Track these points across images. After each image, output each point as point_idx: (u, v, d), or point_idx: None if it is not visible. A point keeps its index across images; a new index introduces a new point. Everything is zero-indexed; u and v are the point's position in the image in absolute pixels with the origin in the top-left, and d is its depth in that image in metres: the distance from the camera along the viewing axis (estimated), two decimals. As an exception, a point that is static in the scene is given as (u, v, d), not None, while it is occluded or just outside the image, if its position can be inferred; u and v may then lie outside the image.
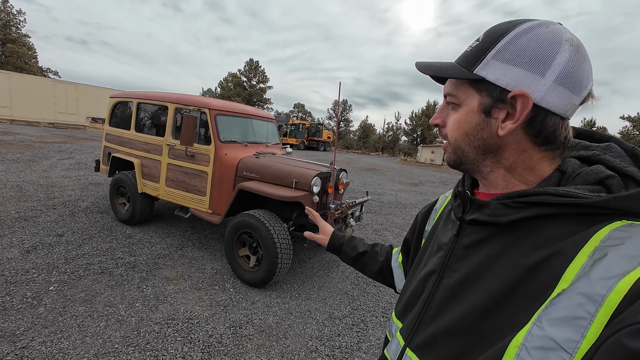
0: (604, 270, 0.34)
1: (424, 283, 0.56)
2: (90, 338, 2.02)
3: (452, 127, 0.51)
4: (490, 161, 0.49)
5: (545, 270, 0.39)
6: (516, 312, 0.39)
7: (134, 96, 3.98)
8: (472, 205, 0.51)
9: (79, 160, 7.52)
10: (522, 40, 0.43)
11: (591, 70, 0.43)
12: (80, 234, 3.54)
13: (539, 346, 0.35)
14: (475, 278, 0.46)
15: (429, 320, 0.51)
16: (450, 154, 0.53)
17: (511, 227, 0.45)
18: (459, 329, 0.45)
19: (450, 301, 0.48)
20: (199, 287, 2.77)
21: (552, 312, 0.36)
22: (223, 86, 37.96)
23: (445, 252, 0.54)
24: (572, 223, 0.40)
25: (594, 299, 0.33)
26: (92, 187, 5.46)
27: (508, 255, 0.43)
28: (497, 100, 0.45)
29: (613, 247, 0.35)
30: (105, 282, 2.67)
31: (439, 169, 21.27)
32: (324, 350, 2.18)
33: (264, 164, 3.17)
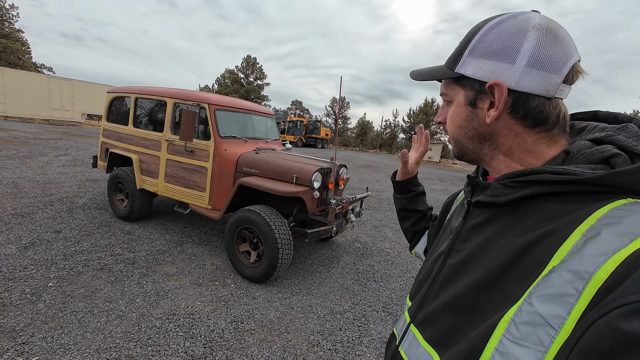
0: (595, 247, 0.34)
1: (433, 265, 0.59)
2: (91, 333, 2.00)
3: (448, 122, 0.56)
4: (488, 149, 0.52)
5: (539, 248, 0.39)
6: (510, 290, 0.40)
7: (132, 91, 3.93)
8: (477, 188, 0.53)
9: (76, 157, 7.45)
10: (491, 35, 0.47)
11: (569, 49, 0.44)
12: (78, 230, 3.51)
13: (527, 321, 0.36)
14: (475, 257, 0.48)
15: (432, 298, 0.53)
16: (453, 147, 0.57)
17: (512, 208, 0.46)
18: (455, 305, 0.47)
19: (451, 280, 0.51)
20: (200, 282, 2.77)
21: (542, 289, 0.36)
22: (220, 83, 37.70)
23: (454, 234, 0.56)
24: (572, 202, 0.40)
25: (582, 276, 0.33)
26: (89, 184, 5.42)
27: (507, 235, 0.44)
28: (478, 92, 0.49)
29: (608, 225, 0.35)
30: (105, 278, 2.65)
31: (436, 166, 21.34)
32: (326, 345, 2.18)
33: (265, 160, 3.16)
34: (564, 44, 0.44)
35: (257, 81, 37.59)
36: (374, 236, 4.57)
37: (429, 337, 0.51)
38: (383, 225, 5.16)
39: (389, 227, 5.13)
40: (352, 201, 3.31)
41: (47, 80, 16.24)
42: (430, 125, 35.34)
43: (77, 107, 17.33)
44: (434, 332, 0.50)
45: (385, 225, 5.21)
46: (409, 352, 0.55)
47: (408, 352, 0.55)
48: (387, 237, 4.60)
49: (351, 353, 2.13)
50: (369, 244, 4.25)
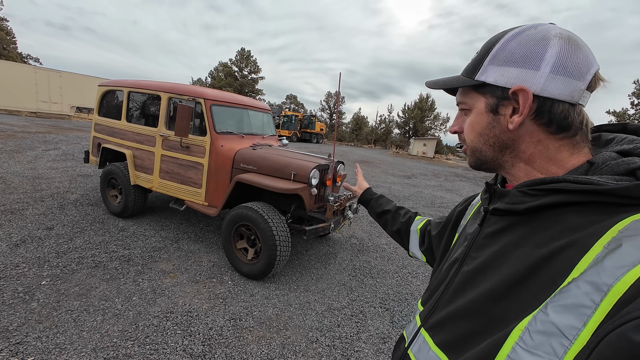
0: (615, 260, 0.33)
1: (447, 271, 0.59)
2: (87, 332, 1.98)
3: (467, 130, 0.55)
4: (509, 156, 0.51)
5: (560, 259, 0.39)
6: (527, 299, 0.40)
7: (125, 85, 3.84)
8: (495, 195, 0.53)
9: (66, 151, 7.27)
10: (513, 43, 0.48)
11: (590, 57, 0.45)
12: (71, 227, 3.45)
13: (541, 331, 0.36)
14: (491, 265, 0.48)
15: (445, 303, 0.54)
16: (470, 157, 0.56)
17: (530, 217, 0.46)
18: (470, 312, 0.47)
19: (466, 286, 0.50)
20: (197, 280, 2.75)
21: (559, 299, 0.36)
22: (214, 76, 37.07)
23: (469, 241, 0.56)
24: (593, 214, 0.39)
25: (601, 289, 0.33)
26: (80, 179, 5.31)
27: (525, 245, 0.44)
28: (500, 98, 0.49)
29: (629, 238, 0.34)
30: (100, 276, 2.62)
31: (430, 161, 21.50)
32: (325, 341, 2.20)
33: (262, 156, 3.13)
34: (585, 52, 0.45)
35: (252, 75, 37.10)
36: (370, 232, 4.60)
37: (440, 341, 0.51)
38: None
39: (384, 223, 5.16)
40: (349, 198, 3.31)
41: (34, 72, 15.73)
42: (425, 121, 35.46)
43: (66, 99, 16.87)
44: (446, 337, 0.50)
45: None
46: (418, 355, 0.55)
47: (417, 355, 0.56)
48: (383, 233, 4.63)
49: (349, 349, 2.16)
50: (365, 240, 4.27)
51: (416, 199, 7.48)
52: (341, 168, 3.55)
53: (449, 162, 22.66)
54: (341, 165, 3.55)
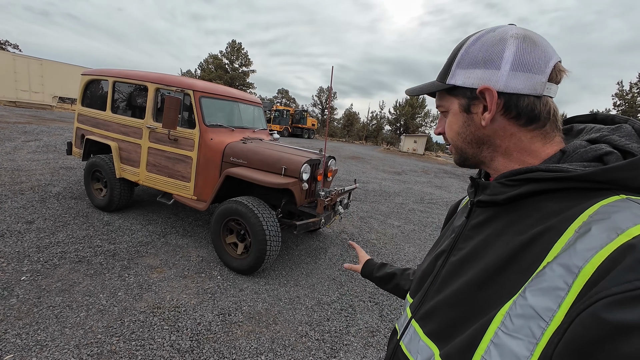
0: (585, 243, 0.35)
1: (434, 262, 0.61)
2: (70, 329, 1.92)
3: (447, 130, 0.58)
4: (487, 152, 0.54)
5: (537, 245, 0.41)
6: (507, 285, 0.42)
7: (110, 74, 3.70)
8: (479, 188, 0.55)
9: (47, 143, 7.00)
10: (474, 47, 0.51)
11: (548, 51, 0.47)
12: (52, 220, 3.33)
13: (520, 314, 0.38)
14: (476, 255, 0.50)
15: (433, 294, 0.55)
16: (454, 154, 0.59)
17: (511, 207, 0.48)
18: (455, 301, 0.49)
19: (452, 276, 0.52)
20: (185, 275, 2.71)
21: (536, 283, 0.38)
22: (203, 68, 36.27)
23: (456, 233, 0.58)
24: (567, 200, 0.42)
25: (572, 271, 0.35)
26: (63, 172, 5.12)
27: (506, 233, 0.46)
28: (470, 98, 0.52)
29: (598, 222, 0.36)
30: (84, 271, 2.54)
31: (420, 158, 21.74)
32: (314, 335, 2.21)
33: (252, 150, 3.08)
34: (542, 47, 0.47)
35: (243, 68, 36.47)
36: (360, 227, 4.62)
37: (429, 331, 0.53)
38: (369, 217, 5.22)
39: (375, 218, 5.21)
40: (340, 193, 3.31)
41: (13, 59, 15.00)
42: (416, 118, 35.79)
43: (48, 88, 16.19)
44: (434, 327, 0.52)
45: (372, 216, 5.28)
46: (409, 345, 0.57)
47: (409, 346, 0.57)
48: (373, 228, 4.66)
49: (339, 343, 2.17)
50: (356, 235, 4.30)
51: (406, 195, 7.56)
52: (332, 163, 3.54)
53: (438, 159, 22.98)
54: (332, 161, 3.54)
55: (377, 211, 5.67)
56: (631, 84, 14.94)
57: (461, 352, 0.44)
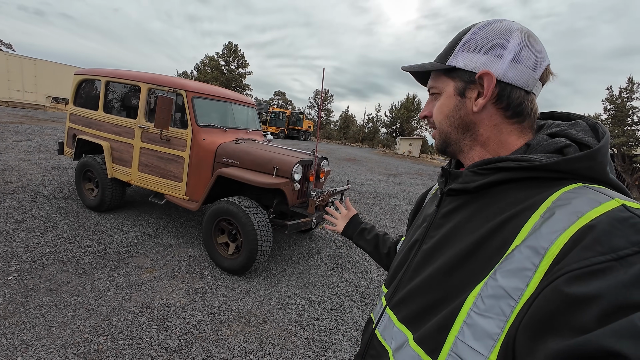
0: (549, 226, 0.38)
1: (408, 252, 0.62)
2: (57, 328, 1.91)
3: (436, 113, 0.58)
4: (469, 139, 0.55)
5: (504, 230, 0.43)
6: (477, 269, 0.44)
7: (102, 74, 3.69)
8: (450, 177, 0.57)
9: (39, 143, 6.93)
10: (481, 32, 0.52)
11: (543, 52, 0.50)
12: (42, 220, 3.30)
13: (491, 295, 0.40)
14: (445, 241, 0.52)
15: (406, 281, 0.57)
16: (437, 139, 0.59)
17: (481, 195, 0.51)
18: (427, 286, 0.51)
19: (425, 263, 0.54)
20: (176, 275, 2.70)
21: (506, 265, 0.40)
22: (200, 69, 36.17)
23: (427, 222, 0.60)
24: (531, 188, 0.45)
25: (539, 252, 0.37)
26: (54, 172, 5.08)
27: (475, 219, 0.49)
28: (468, 82, 0.53)
29: (560, 207, 0.39)
30: (73, 271, 2.53)
31: (416, 160, 21.87)
32: (303, 334, 2.22)
33: (245, 150, 3.09)
34: (540, 47, 0.50)
35: (239, 69, 36.45)
36: (353, 228, 4.64)
37: (403, 317, 0.55)
38: (363, 218, 5.23)
39: (368, 219, 5.23)
40: (332, 193, 3.33)
41: (6, 58, 14.83)
42: (411, 121, 36.00)
43: (41, 88, 16.02)
44: (407, 312, 0.54)
45: (365, 217, 5.30)
46: (384, 333, 0.59)
47: (383, 333, 0.59)
48: (366, 230, 4.68)
49: (328, 342, 2.18)
50: (349, 236, 4.31)
51: (400, 197, 7.60)
52: (324, 164, 3.57)
53: (433, 161, 23.13)
54: (325, 161, 3.56)
55: (370, 212, 5.69)
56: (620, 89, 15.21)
57: (435, 334, 0.46)
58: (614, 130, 15.41)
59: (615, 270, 0.31)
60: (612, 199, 0.37)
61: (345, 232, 1.06)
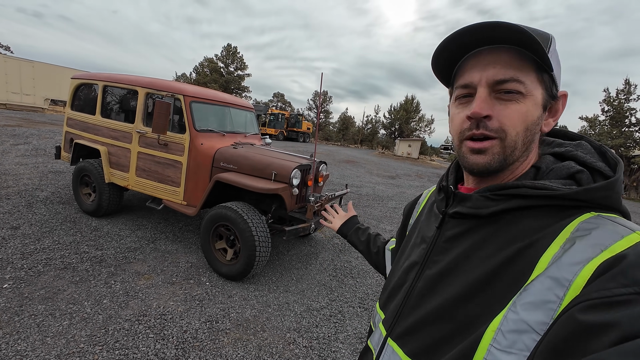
0: (571, 257, 0.37)
1: (406, 274, 0.58)
2: (52, 338, 1.88)
3: (517, 119, 0.44)
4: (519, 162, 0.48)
5: (521, 260, 0.41)
6: (493, 300, 0.42)
7: (100, 78, 3.68)
8: (454, 199, 0.53)
9: (37, 146, 6.90)
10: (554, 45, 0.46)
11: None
12: (39, 226, 3.27)
13: (514, 329, 0.38)
14: (455, 268, 0.48)
15: (410, 309, 0.53)
16: (497, 154, 0.46)
17: (491, 220, 0.47)
18: (438, 317, 0.47)
19: (430, 291, 0.50)
20: (173, 281, 2.68)
21: (525, 297, 0.38)
22: (199, 72, 36.19)
23: (427, 244, 0.56)
24: (546, 216, 0.43)
25: (562, 284, 0.36)
26: (52, 176, 5.05)
27: (487, 247, 0.46)
28: (550, 96, 0.46)
29: (580, 238, 0.38)
30: (69, 278, 2.50)
31: (415, 162, 21.89)
32: (302, 342, 2.19)
33: (243, 155, 3.08)
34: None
35: (238, 71, 36.48)
36: (352, 232, 4.62)
37: (410, 351, 0.50)
38: (362, 221, 5.22)
39: (367, 222, 5.21)
40: (331, 198, 3.31)
41: (4, 61, 14.80)
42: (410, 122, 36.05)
43: (39, 91, 15.99)
44: (416, 346, 0.49)
45: (365, 221, 5.29)
46: None
47: None
48: (365, 233, 4.66)
49: (327, 349, 2.16)
50: (348, 240, 4.29)
51: (399, 199, 7.59)
52: (323, 168, 3.55)
53: (432, 163, 23.15)
54: (323, 165, 3.55)
55: (370, 215, 5.68)
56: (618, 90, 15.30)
57: None
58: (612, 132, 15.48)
59: (637, 303, 0.31)
60: (633, 231, 0.37)
61: (340, 230, 1.08)
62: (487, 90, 0.45)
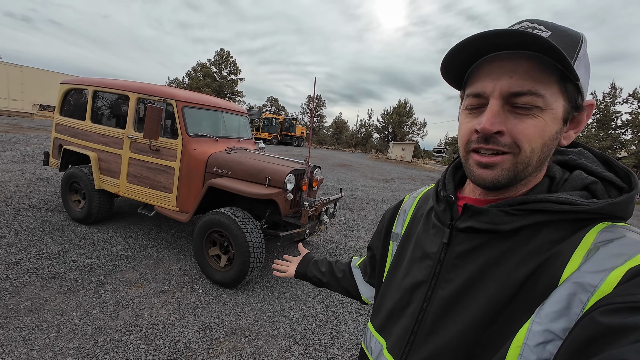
0: (595, 265, 0.37)
1: (410, 294, 0.53)
2: (38, 352, 1.82)
3: (534, 134, 0.41)
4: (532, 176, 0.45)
5: (544, 273, 0.40)
6: (516, 317, 0.41)
7: (90, 83, 3.62)
8: (465, 212, 0.48)
9: (24, 152, 6.75)
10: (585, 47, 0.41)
11: None
12: (25, 234, 3.18)
13: (541, 342, 0.37)
14: (472, 288, 0.45)
15: (425, 336, 0.48)
16: (507, 170, 0.43)
17: (507, 235, 0.45)
18: (462, 343, 0.44)
19: (447, 315, 0.46)
20: (165, 289, 2.62)
21: (550, 307, 0.38)
22: (191, 76, 36.04)
23: (434, 261, 0.51)
24: (563, 228, 0.42)
25: (587, 289, 0.36)
26: (40, 183, 4.93)
27: (506, 262, 0.43)
28: (573, 107, 0.41)
29: (603, 246, 0.38)
30: (57, 288, 2.43)
31: (409, 165, 22.07)
32: (298, 349, 2.16)
33: (236, 160, 3.05)
34: None
35: (231, 76, 36.44)
36: (347, 236, 4.62)
37: None
38: (356, 225, 5.23)
39: (362, 226, 5.21)
40: (325, 203, 3.30)
41: (-9, 66, 14.53)
42: (403, 126, 36.44)
43: (28, 96, 15.69)
44: None
45: (359, 225, 5.29)
46: None
47: None
48: (360, 237, 4.66)
49: (323, 357, 2.13)
50: (343, 244, 4.28)
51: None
52: (317, 172, 3.55)
53: (426, 166, 23.38)
54: (318, 170, 3.55)
55: (364, 219, 5.68)
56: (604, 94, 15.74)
57: None
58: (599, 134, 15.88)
59: None
60: None
61: (297, 272, 0.96)
62: (500, 102, 0.41)
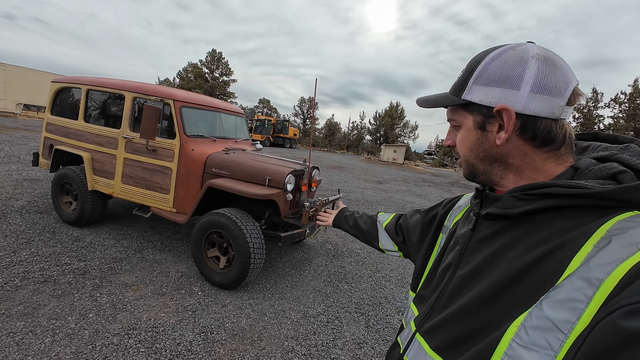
0: (604, 256, 0.36)
1: (442, 276, 0.60)
2: (34, 357, 1.76)
3: (459, 145, 0.58)
4: (498, 169, 0.54)
5: (552, 260, 0.40)
6: (520, 298, 0.42)
7: (83, 82, 3.54)
8: (487, 200, 0.55)
9: (9, 153, 6.53)
10: (493, 65, 0.50)
11: (568, 74, 0.47)
12: (14, 237, 3.07)
13: (536, 326, 0.38)
14: (485, 268, 0.49)
15: (440, 308, 0.55)
16: (464, 169, 0.58)
17: (522, 221, 0.48)
18: (465, 314, 0.48)
19: (460, 290, 0.52)
20: (163, 292, 2.57)
21: (553, 295, 0.38)
22: (182, 77, 35.58)
23: (461, 245, 0.58)
24: (581, 216, 0.42)
25: (593, 283, 0.35)
26: (27, 184, 4.77)
27: (517, 247, 0.46)
28: (487, 116, 0.51)
29: (616, 236, 0.37)
30: (50, 292, 2.35)
31: (401, 167, 22.29)
32: (300, 350, 2.15)
33: (235, 161, 3.03)
34: (563, 70, 0.47)
35: (223, 77, 36.15)
36: (344, 237, 4.63)
37: (436, 345, 0.52)
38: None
39: (358, 227, 5.23)
40: (325, 203, 3.30)
41: (-28, 63, 14.02)
42: (395, 128, 36.85)
43: (11, 95, 15.18)
44: (441, 341, 0.51)
45: (355, 226, 5.30)
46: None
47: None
48: (356, 241, 4.66)
49: (326, 357, 2.13)
50: (340, 245, 4.29)
51: (388, 204, 7.68)
52: (316, 173, 3.55)
53: (417, 168, 23.66)
54: (316, 171, 3.55)
55: (360, 220, 5.70)
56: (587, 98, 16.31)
57: None
58: (583, 137, 16.40)
59: None
60: None
61: (334, 223, 1.20)
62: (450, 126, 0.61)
